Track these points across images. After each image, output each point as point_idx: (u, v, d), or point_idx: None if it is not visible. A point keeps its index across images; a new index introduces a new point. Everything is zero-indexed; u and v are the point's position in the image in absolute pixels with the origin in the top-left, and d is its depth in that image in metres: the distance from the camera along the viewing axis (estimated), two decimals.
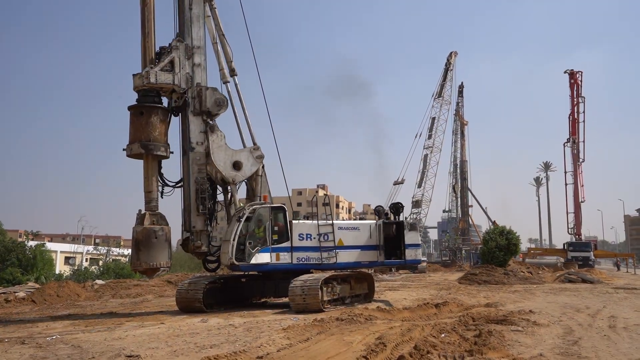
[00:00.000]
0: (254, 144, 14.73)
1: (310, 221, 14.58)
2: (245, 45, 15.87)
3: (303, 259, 13.95)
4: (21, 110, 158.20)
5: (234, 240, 12.99)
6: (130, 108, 13.23)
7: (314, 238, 14.18)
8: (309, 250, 14.10)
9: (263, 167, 14.57)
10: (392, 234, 15.14)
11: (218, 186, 14.31)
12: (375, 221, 15.60)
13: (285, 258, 13.75)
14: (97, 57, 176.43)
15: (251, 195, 14.49)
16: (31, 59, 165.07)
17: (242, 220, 13.21)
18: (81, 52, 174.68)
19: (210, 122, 13.95)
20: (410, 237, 15.18)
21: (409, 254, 14.96)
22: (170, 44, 13.79)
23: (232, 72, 15.01)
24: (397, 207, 15.79)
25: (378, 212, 16.16)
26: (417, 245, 15.50)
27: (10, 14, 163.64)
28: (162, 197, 13.67)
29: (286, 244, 13.82)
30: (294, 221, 14.34)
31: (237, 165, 14.06)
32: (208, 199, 13.76)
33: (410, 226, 15.53)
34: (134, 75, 13.20)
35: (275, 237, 13.73)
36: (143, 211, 13.04)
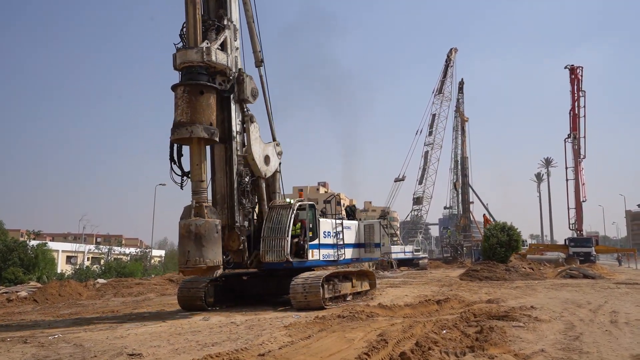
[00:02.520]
0: (274, 139, 14.70)
1: (331, 219, 15.16)
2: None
3: (325, 256, 14.47)
4: (21, 110, 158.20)
5: (288, 236, 12.95)
6: (186, 85, 11.78)
7: (332, 235, 14.85)
8: (329, 248, 14.65)
9: (280, 163, 14.63)
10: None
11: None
12: (359, 221, 17.19)
13: (316, 255, 14.05)
14: (98, 57, 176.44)
15: (269, 191, 14.27)
16: (31, 59, 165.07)
17: (293, 216, 13.18)
18: (82, 51, 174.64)
19: (249, 111, 13.44)
20: (381, 237, 17.17)
21: (379, 252, 17.33)
22: (212, 22, 12.80)
23: (260, 63, 14.61)
24: (352, 209, 17.61)
25: (347, 212, 17.13)
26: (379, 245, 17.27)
27: (10, 13, 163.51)
28: (182, 189, 12.75)
29: (316, 241, 14.12)
30: (320, 219, 14.64)
31: (267, 160, 13.92)
32: (251, 193, 13.39)
33: (382, 226, 17.61)
34: (184, 49, 11.90)
35: (311, 234, 13.99)
36: (194, 202, 11.75)
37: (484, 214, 59.67)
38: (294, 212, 13.32)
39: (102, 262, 35.96)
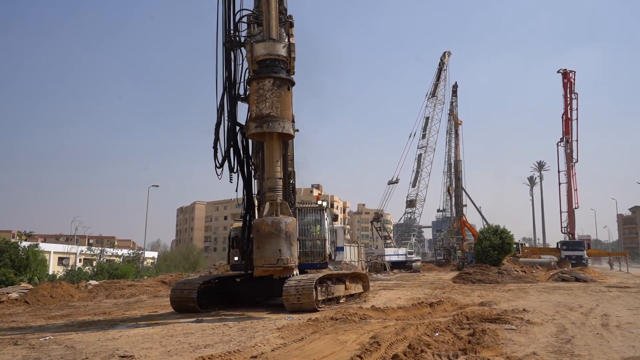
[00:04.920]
0: None
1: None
2: None
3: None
4: (14, 111, 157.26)
5: (327, 238, 13.16)
6: (277, 79, 11.79)
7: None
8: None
9: None
10: None
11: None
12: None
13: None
14: (96, 57, 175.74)
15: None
16: (28, 61, 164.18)
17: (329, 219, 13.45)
18: (80, 51, 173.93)
19: None
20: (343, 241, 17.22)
21: (341, 256, 17.88)
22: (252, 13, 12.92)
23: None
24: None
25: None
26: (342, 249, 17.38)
27: (9, 13, 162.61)
28: (231, 182, 13.12)
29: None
30: None
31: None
32: (293, 193, 13.47)
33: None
34: (268, 40, 11.86)
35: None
36: (278, 200, 11.88)
37: (462, 217, 59.90)
38: (328, 213, 13.62)
39: (94, 263, 35.74)
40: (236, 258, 13.65)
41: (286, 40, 12.08)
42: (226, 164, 12.98)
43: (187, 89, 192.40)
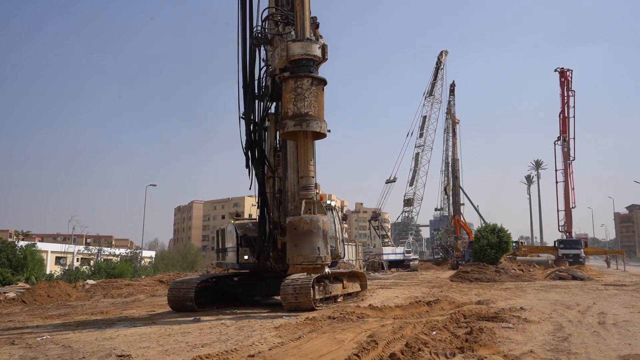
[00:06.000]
0: None
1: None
2: None
3: None
4: (14, 111, 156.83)
5: (340, 237, 13.21)
6: (315, 79, 11.96)
7: None
8: None
9: None
10: None
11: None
12: None
13: None
14: (94, 58, 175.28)
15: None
16: (28, 61, 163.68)
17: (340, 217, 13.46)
18: (79, 51, 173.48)
19: None
20: None
21: None
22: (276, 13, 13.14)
23: None
24: None
25: None
26: None
27: (9, 13, 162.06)
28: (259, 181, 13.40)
29: None
30: None
31: None
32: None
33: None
34: (306, 40, 12.02)
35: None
36: (315, 198, 12.07)
37: (455, 216, 60.04)
38: (337, 213, 13.67)
39: (91, 262, 35.70)
40: (246, 257, 13.61)
41: (320, 41, 12.28)
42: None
43: (187, 89, 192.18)
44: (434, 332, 8.38)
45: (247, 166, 13.64)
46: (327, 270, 12.42)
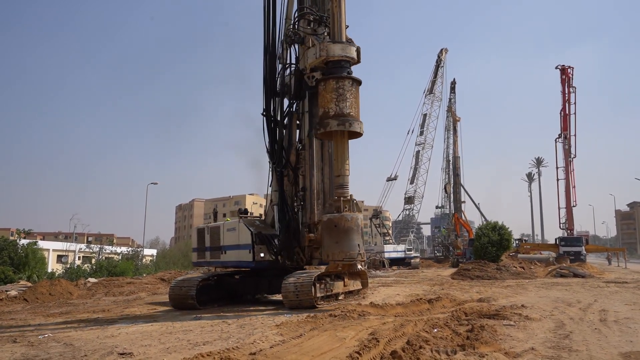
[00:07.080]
0: None
1: None
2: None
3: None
4: (14, 111, 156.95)
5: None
6: (355, 80, 12.17)
7: None
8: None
9: None
10: None
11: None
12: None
13: None
14: (95, 58, 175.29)
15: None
16: (28, 61, 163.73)
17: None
18: (78, 51, 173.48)
19: None
20: None
21: None
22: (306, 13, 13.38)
23: None
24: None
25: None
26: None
27: (9, 13, 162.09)
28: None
29: None
30: None
31: None
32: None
33: None
34: (340, 42, 12.24)
35: None
36: (351, 196, 12.22)
37: (455, 214, 60.00)
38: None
39: (93, 261, 35.72)
40: (262, 254, 13.65)
41: (355, 44, 12.52)
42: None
43: (187, 89, 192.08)
44: (435, 330, 8.38)
45: (272, 160, 13.95)
46: (359, 266, 12.67)
